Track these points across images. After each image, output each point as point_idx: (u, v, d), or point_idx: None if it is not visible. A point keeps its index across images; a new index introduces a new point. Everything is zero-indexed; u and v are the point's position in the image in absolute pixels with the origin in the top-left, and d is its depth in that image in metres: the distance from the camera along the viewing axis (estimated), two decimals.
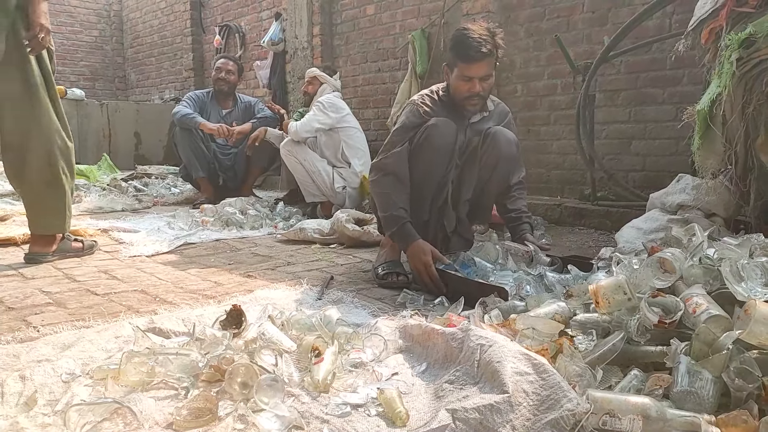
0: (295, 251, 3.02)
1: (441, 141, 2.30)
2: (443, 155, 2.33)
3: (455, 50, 2.32)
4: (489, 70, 2.32)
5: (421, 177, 2.33)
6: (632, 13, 3.53)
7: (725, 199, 2.39)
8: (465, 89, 2.33)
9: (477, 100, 2.37)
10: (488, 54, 2.26)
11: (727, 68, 2.11)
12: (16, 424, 1.14)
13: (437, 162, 2.33)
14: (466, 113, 2.42)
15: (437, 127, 2.30)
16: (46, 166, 2.60)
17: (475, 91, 2.32)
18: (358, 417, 1.19)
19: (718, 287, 1.41)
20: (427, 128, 2.31)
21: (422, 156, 2.31)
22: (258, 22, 7.06)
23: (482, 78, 2.31)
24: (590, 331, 1.40)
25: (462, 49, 2.28)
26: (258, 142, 4.48)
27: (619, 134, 3.95)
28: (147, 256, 2.87)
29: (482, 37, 2.26)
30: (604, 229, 3.47)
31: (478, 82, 2.31)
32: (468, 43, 2.25)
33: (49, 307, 1.99)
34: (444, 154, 2.33)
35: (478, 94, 2.34)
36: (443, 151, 2.32)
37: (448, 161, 2.36)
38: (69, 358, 1.46)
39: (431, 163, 2.32)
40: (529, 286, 1.91)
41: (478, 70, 2.29)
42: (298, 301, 2.03)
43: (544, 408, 1.07)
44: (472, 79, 2.30)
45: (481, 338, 1.29)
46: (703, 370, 1.12)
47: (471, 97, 2.35)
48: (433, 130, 2.30)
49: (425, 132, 2.31)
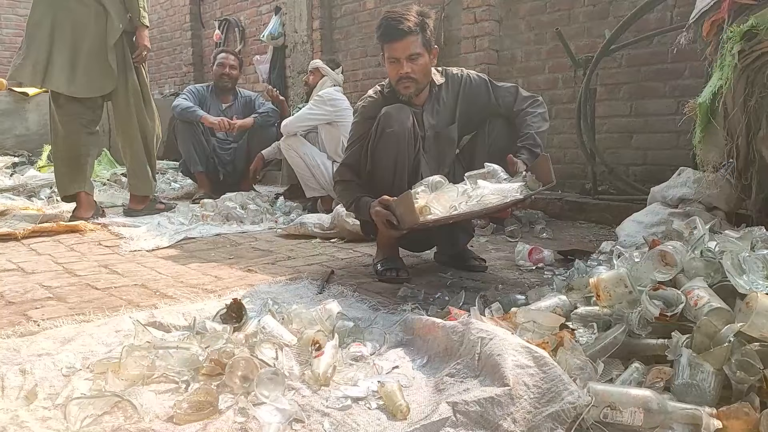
0: (295, 246, 3.02)
1: (398, 127, 2.18)
2: (405, 139, 2.19)
3: (377, 33, 2.23)
4: (414, 49, 2.18)
5: (391, 166, 2.22)
6: (633, 6, 3.51)
7: (727, 192, 2.39)
8: (394, 73, 2.23)
9: (408, 82, 2.23)
10: (409, 31, 2.15)
11: (728, 61, 2.10)
12: (16, 418, 1.14)
13: (401, 148, 2.19)
14: (401, 98, 2.29)
15: (390, 116, 2.19)
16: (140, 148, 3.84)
17: (403, 72, 2.20)
18: (359, 410, 1.19)
19: (720, 280, 1.40)
20: (380, 120, 2.21)
21: (385, 147, 2.20)
22: (257, 16, 7.03)
23: (409, 58, 2.18)
24: (591, 324, 1.40)
25: (382, 30, 2.20)
26: (259, 174, 4.75)
27: (620, 128, 3.94)
28: (147, 251, 2.87)
29: (403, 15, 2.17)
30: (605, 223, 3.46)
31: (405, 63, 2.19)
32: (387, 23, 2.18)
33: (49, 301, 1.99)
34: (405, 138, 2.19)
35: (408, 76, 2.21)
36: (403, 136, 2.19)
37: (414, 142, 2.24)
38: (69, 352, 1.46)
39: (396, 150, 2.19)
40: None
41: (400, 49, 2.17)
42: (298, 295, 2.03)
43: (545, 401, 1.07)
44: (399, 60, 2.19)
45: (482, 331, 1.29)
46: (705, 363, 1.11)
47: (400, 80, 2.23)
48: (387, 119, 2.19)
49: (380, 125, 2.21)
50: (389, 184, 2.19)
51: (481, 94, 2.35)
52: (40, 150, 6.25)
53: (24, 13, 8.82)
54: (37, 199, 4.40)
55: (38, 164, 5.93)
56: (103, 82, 3.66)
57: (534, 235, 3.26)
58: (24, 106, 6.78)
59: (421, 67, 2.22)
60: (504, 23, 4.52)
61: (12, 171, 5.50)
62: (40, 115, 6.89)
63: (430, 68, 2.28)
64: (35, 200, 4.35)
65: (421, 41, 2.19)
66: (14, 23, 8.82)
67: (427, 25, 2.21)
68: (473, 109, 2.36)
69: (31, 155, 6.37)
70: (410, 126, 2.21)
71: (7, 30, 8.79)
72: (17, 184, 4.74)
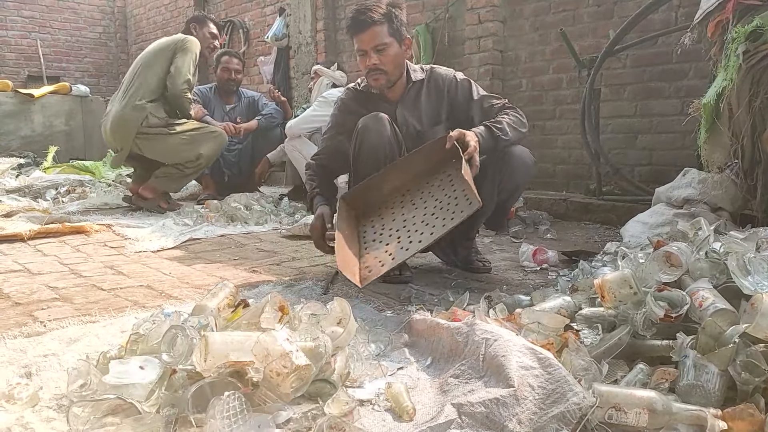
0: (300, 246, 3.02)
1: (377, 139, 2.15)
2: (383, 151, 2.16)
3: (346, 25, 2.19)
4: (381, 39, 2.13)
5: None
6: (638, 6, 3.51)
7: (732, 193, 2.38)
8: (363, 65, 2.19)
9: (377, 74, 2.19)
10: (373, 22, 2.11)
11: (733, 61, 2.10)
12: (21, 419, 1.15)
13: (380, 160, 2.17)
14: (372, 90, 2.27)
15: (367, 128, 2.16)
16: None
17: (371, 64, 2.16)
18: (365, 411, 1.19)
19: (725, 281, 1.40)
20: (359, 133, 2.18)
21: (365, 161, 2.19)
22: (262, 17, 7.05)
23: (375, 49, 2.14)
24: (596, 325, 1.40)
25: (348, 23, 2.17)
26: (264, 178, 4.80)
27: (625, 128, 3.94)
28: (152, 252, 2.88)
29: (368, 7, 2.13)
30: (609, 224, 3.46)
31: (372, 54, 2.14)
32: (353, 15, 2.14)
33: (55, 302, 2.00)
34: (384, 149, 2.16)
35: (377, 68, 2.17)
36: (381, 148, 2.16)
37: (397, 148, 2.21)
38: (75, 353, 1.47)
39: (375, 162, 2.17)
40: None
41: (366, 40, 2.13)
42: (303, 296, 2.03)
43: (550, 402, 1.07)
44: (366, 51, 2.15)
45: (486, 332, 1.29)
46: (710, 364, 1.11)
47: (369, 71, 2.18)
48: (365, 132, 2.16)
49: (358, 137, 2.18)
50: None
51: (466, 97, 2.30)
52: (45, 151, 6.29)
53: (29, 15, 8.89)
54: (42, 200, 4.42)
55: (44, 165, 5.97)
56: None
57: (538, 235, 3.25)
58: (29, 107, 6.81)
59: (390, 58, 2.17)
60: (508, 24, 4.52)
61: (18, 172, 5.53)
62: (45, 116, 6.93)
63: (401, 59, 2.24)
64: (41, 201, 4.37)
65: (388, 31, 2.14)
66: (20, 25, 8.87)
67: (394, 15, 2.15)
68: (458, 112, 2.31)
69: (37, 156, 6.40)
70: (389, 135, 2.17)
71: (13, 32, 8.83)
72: (23, 186, 4.76)
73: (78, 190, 4.83)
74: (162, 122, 4.04)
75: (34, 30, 8.99)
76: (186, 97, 4.07)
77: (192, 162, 4.13)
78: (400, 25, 2.18)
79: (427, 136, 2.28)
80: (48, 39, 9.12)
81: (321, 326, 1.37)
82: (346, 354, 1.30)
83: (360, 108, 2.30)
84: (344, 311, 1.41)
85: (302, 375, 1.12)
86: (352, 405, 1.16)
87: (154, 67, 4.06)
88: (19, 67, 8.88)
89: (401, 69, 2.26)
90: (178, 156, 4.10)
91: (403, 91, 2.31)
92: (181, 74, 4.00)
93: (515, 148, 2.20)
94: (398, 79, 2.27)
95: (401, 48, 2.20)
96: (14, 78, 8.12)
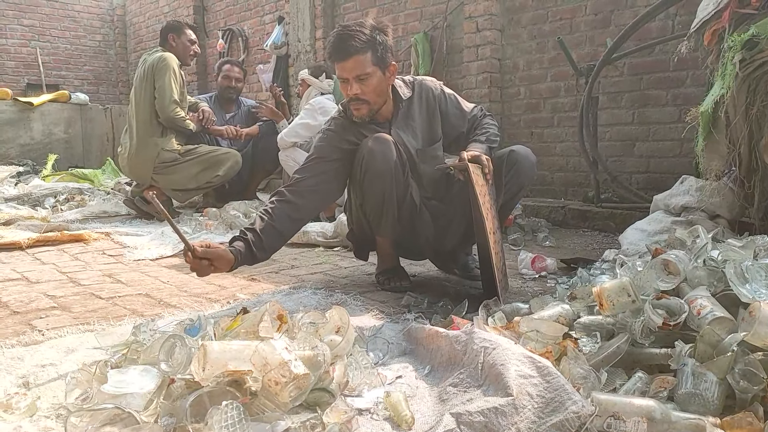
0: (298, 254, 3.02)
1: (383, 165, 2.05)
2: (391, 176, 2.07)
3: (326, 50, 2.07)
4: (363, 69, 2.00)
5: (379, 203, 2.12)
6: (635, 15, 3.52)
7: (729, 200, 2.39)
8: (344, 92, 2.07)
9: (358, 104, 2.07)
10: (356, 51, 1.98)
11: (730, 69, 2.11)
12: (19, 428, 1.15)
13: (387, 185, 2.08)
14: (355, 119, 2.14)
15: (373, 153, 2.05)
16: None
17: (352, 93, 2.04)
18: (363, 421, 1.19)
19: (723, 289, 1.40)
20: (365, 157, 2.07)
21: (371, 186, 2.10)
22: (261, 25, 7.07)
23: (357, 78, 2.01)
24: (594, 333, 1.40)
25: (329, 48, 2.04)
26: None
27: (623, 136, 3.95)
28: (151, 260, 2.88)
29: (351, 32, 1.99)
30: (608, 231, 3.46)
31: (354, 84, 2.02)
32: (334, 41, 2.01)
33: (53, 310, 1.99)
34: (391, 174, 2.07)
35: (358, 98, 2.05)
36: (389, 173, 2.06)
37: (402, 170, 2.12)
38: (73, 362, 1.46)
39: (382, 188, 2.09)
40: None
41: (347, 69, 2.01)
42: (302, 303, 2.03)
43: (549, 410, 1.07)
44: (348, 80, 2.03)
45: (485, 341, 1.29)
46: (708, 372, 1.11)
47: (350, 101, 2.08)
48: (371, 157, 2.05)
49: (364, 162, 2.07)
50: (378, 217, 2.16)
51: (456, 114, 2.28)
52: (44, 159, 6.29)
53: (29, 23, 8.91)
54: (41, 208, 4.42)
55: (43, 173, 5.97)
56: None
57: (537, 243, 3.26)
58: (29, 115, 6.82)
59: (371, 88, 2.05)
60: (506, 32, 4.54)
61: (17, 180, 5.53)
62: (44, 124, 6.94)
63: (385, 87, 2.11)
64: (39, 209, 4.37)
65: (371, 59, 2.01)
66: (19, 33, 8.88)
67: (378, 42, 2.03)
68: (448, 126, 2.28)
69: (36, 164, 6.40)
70: (395, 159, 2.07)
71: (12, 40, 8.84)
72: (22, 194, 4.76)
73: (77, 198, 4.83)
74: (174, 155, 4.12)
75: (34, 38, 9.00)
76: (178, 117, 4.11)
77: (209, 183, 4.26)
78: (385, 51, 2.05)
79: (427, 154, 2.25)
80: (47, 47, 9.13)
81: (319, 335, 1.37)
82: (344, 363, 1.30)
83: (351, 137, 2.17)
84: (343, 320, 1.41)
85: (301, 384, 1.12)
86: (351, 414, 1.16)
87: (144, 98, 4.12)
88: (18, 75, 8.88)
89: (384, 96, 2.15)
90: (196, 181, 4.19)
91: (393, 112, 2.21)
92: (165, 96, 4.04)
93: (519, 148, 2.21)
94: (381, 107, 2.16)
95: (385, 75, 2.08)
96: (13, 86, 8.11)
